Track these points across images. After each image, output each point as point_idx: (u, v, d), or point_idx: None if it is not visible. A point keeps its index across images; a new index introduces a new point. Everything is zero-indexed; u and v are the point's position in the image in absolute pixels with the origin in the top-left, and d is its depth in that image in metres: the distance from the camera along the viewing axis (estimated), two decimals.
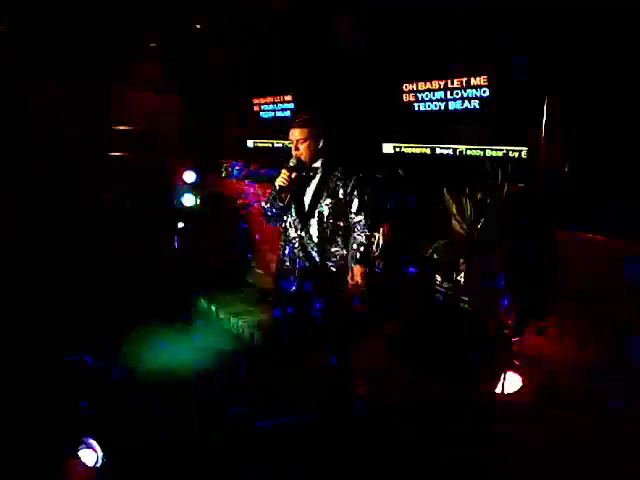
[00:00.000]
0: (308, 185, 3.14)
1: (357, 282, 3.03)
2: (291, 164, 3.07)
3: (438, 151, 3.98)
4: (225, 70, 6.14)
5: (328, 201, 3.07)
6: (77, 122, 5.98)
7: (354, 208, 3.05)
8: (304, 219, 3.12)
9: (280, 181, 3.05)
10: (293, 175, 3.05)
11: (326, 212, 3.07)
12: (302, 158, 3.07)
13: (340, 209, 3.06)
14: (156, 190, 6.17)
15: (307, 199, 3.14)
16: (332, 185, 3.08)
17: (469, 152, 3.77)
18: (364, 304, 4.04)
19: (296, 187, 3.11)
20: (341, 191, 3.06)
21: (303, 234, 3.12)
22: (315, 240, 3.10)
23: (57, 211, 5.45)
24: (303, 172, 3.10)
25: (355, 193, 3.05)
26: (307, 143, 3.06)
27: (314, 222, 3.10)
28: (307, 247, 3.12)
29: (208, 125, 6.42)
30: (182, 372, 3.76)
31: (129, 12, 5.58)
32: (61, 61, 5.81)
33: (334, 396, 3.19)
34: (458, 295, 3.37)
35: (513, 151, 3.49)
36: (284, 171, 3.04)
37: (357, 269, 3.03)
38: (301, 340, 3.34)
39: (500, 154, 3.56)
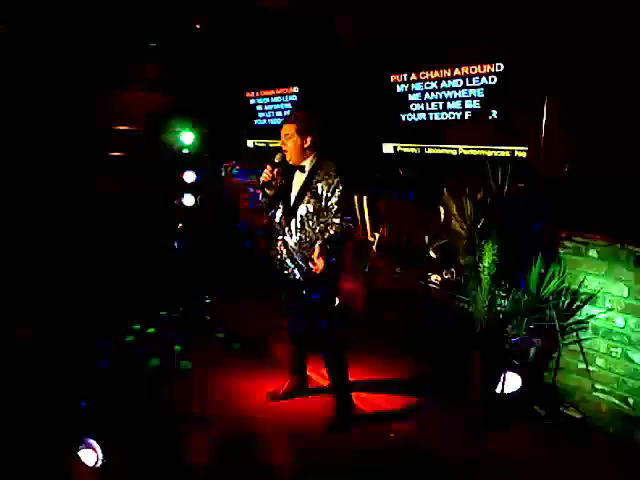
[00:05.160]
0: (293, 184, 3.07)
1: (319, 262, 2.79)
2: (276, 160, 3.02)
3: (438, 151, 3.98)
4: (225, 70, 6.14)
5: (310, 202, 2.95)
6: (77, 122, 5.98)
7: (331, 209, 2.90)
8: (287, 219, 3.05)
9: (262, 176, 3.02)
10: (275, 171, 3.01)
11: (305, 213, 2.96)
12: (286, 154, 3.01)
13: (321, 211, 2.93)
14: (156, 190, 6.16)
15: (292, 199, 3.05)
16: (315, 185, 2.96)
17: (469, 152, 3.77)
18: (362, 304, 4.04)
19: (281, 183, 3.05)
20: (323, 192, 2.92)
21: (287, 235, 3.05)
22: (296, 242, 3.01)
23: (57, 211, 5.45)
24: (287, 169, 3.03)
25: (336, 194, 2.90)
26: (293, 139, 2.97)
27: (295, 223, 3.01)
28: (290, 250, 3.03)
29: (208, 125, 6.42)
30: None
31: (129, 12, 5.58)
32: (61, 61, 5.81)
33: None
34: (458, 295, 3.36)
35: (513, 151, 3.49)
36: (267, 166, 3.02)
37: (318, 248, 2.80)
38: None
39: (500, 154, 3.56)
